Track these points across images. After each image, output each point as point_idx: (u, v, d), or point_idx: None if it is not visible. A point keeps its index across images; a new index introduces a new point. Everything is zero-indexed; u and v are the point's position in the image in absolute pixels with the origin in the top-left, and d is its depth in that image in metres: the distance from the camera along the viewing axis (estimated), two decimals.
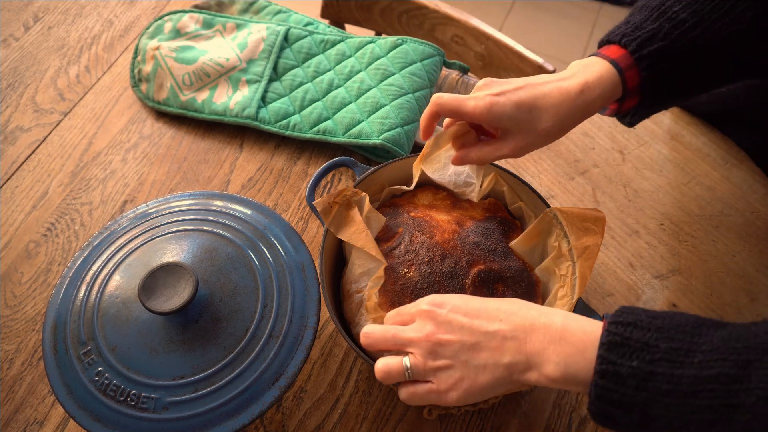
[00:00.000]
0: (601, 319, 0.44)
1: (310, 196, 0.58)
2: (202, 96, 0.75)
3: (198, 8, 0.82)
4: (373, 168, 0.58)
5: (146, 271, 0.45)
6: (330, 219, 0.53)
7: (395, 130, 0.69)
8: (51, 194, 0.70)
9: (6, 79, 0.78)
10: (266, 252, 0.50)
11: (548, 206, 0.55)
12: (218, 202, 0.54)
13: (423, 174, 0.58)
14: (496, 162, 0.59)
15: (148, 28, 0.80)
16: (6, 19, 0.84)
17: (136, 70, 0.78)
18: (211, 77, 0.75)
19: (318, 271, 0.51)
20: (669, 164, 0.72)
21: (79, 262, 0.51)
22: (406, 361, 0.44)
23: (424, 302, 0.46)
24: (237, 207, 0.54)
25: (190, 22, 0.80)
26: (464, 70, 0.80)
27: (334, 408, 0.57)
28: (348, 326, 0.54)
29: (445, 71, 0.80)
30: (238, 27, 0.80)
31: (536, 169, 0.71)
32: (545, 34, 1.97)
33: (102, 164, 0.72)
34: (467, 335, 0.43)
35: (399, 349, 0.46)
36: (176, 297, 0.44)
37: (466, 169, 0.59)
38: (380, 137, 0.69)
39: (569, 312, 0.43)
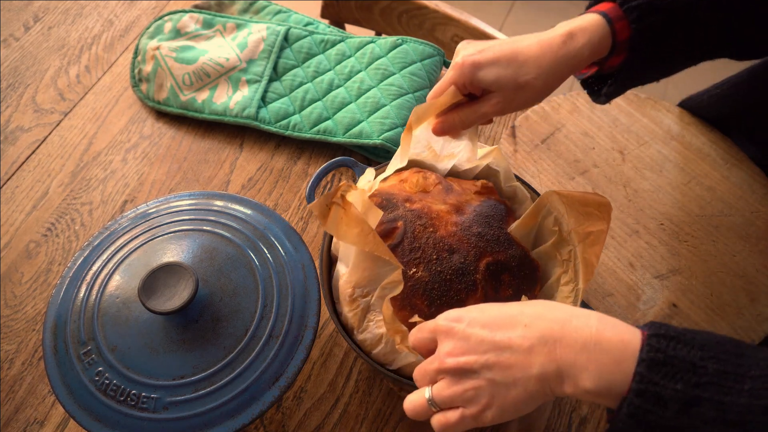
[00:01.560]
0: None
1: (310, 196, 0.58)
2: (202, 96, 0.75)
3: (198, 8, 0.82)
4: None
5: (146, 271, 0.45)
6: (328, 222, 0.48)
7: (395, 130, 0.69)
8: (51, 194, 0.70)
9: (6, 79, 0.78)
10: (266, 252, 0.50)
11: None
12: (218, 202, 0.54)
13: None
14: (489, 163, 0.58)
15: (148, 28, 0.80)
16: (6, 19, 0.84)
17: (136, 70, 0.78)
18: (211, 77, 0.75)
19: (318, 271, 0.51)
20: (669, 164, 0.72)
21: (79, 262, 0.51)
22: (427, 392, 0.41)
23: (441, 318, 0.42)
24: (237, 207, 0.54)
25: (190, 22, 0.80)
26: None
27: (334, 408, 0.57)
28: (350, 331, 0.52)
29: (445, 71, 0.80)
30: (238, 27, 0.80)
31: (536, 169, 0.71)
32: None
33: (102, 164, 0.72)
34: (489, 350, 0.39)
35: (431, 381, 0.42)
36: (176, 297, 0.44)
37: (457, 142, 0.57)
38: (380, 137, 0.69)
39: (602, 314, 0.38)
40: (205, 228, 0.52)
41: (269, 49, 0.77)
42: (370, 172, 0.57)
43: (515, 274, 0.51)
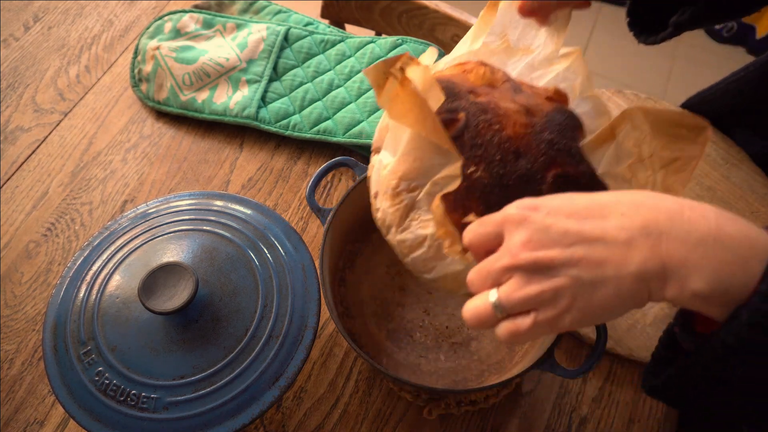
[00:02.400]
0: None
1: (310, 196, 0.58)
2: (202, 96, 0.75)
3: (198, 8, 0.82)
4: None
5: (146, 271, 0.45)
6: (382, 95, 0.40)
7: None
8: (51, 194, 0.70)
9: (6, 79, 0.78)
10: (266, 252, 0.50)
11: None
12: (218, 202, 0.54)
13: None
14: None
15: (148, 28, 0.80)
16: (6, 19, 0.84)
17: (136, 70, 0.78)
18: (211, 77, 0.75)
19: (318, 271, 0.51)
20: None
21: (79, 262, 0.51)
22: (492, 296, 0.34)
23: (513, 207, 0.35)
24: (237, 207, 0.54)
25: (190, 22, 0.80)
26: None
27: (334, 408, 0.57)
28: (386, 230, 0.45)
29: None
30: (238, 27, 0.80)
31: None
32: None
33: (102, 164, 0.72)
34: (576, 242, 0.32)
35: (494, 283, 0.35)
36: (176, 297, 0.44)
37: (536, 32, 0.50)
38: None
39: (719, 208, 0.32)
40: (205, 228, 0.52)
41: (269, 49, 0.77)
42: (431, 53, 0.49)
43: (582, 191, 0.43)
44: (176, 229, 0.52)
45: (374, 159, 0.46)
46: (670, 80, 1.84)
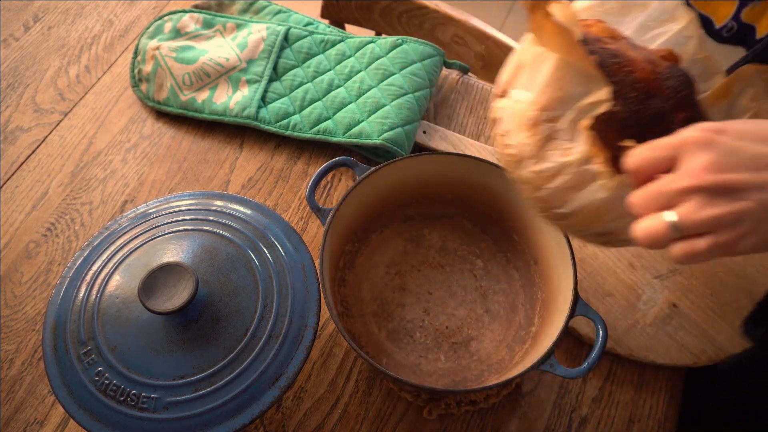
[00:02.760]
0: (600, 318, 0.43)
1: (310, 196, 0.58)
2: (202, 96, 0.75)
3: (198, 8, 0.82)
4: (373, 168, 0.58)
5: (146, 271, 0.45)
6: (533, 24, 0.42)
7: (395, 130, 0.69)
8: (51, 194, 0.70)
9: (6, 79, 0.79)
10: (266, 252, 0.50)
11: None
12: (218, 202, 0.54)
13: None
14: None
15: (148, 28, 0.80)
16: (6, 19, 0.84)
17: (136, 70, 0.78)
18: (211, 77, 0.75)
19: (318, 271, 0.51)
20: None
21: (79, 262, 0.51)
22: (669, 216, 0.34)
23: (694, 129, 0.34)
24: (237, 207, 0.54)
25: (190, 22, 0.80)
26: (464, 70, 0.80)
27: (334, 408, 0.57)
28: (516, 163, 0.45)
29: (445, 71, 0.80)
30: (238, 27, 0.80)
31: None
32: None
33: (102, 164, 0.72)
34: (765, 166, 0.32)
35: (665, 205, 0.35)
36: (176, 297, 0.44)
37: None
38: (380, 137, 0.69)
39: None
40: (205, 228, 0.52)
41: (269, 49, 0.77)
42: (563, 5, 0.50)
43: None
44: (176, 229, 0.52)
45: (502, 102, 0.47)
46: None
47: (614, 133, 0.42)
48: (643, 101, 0.43)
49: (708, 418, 0.73)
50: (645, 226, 0.35)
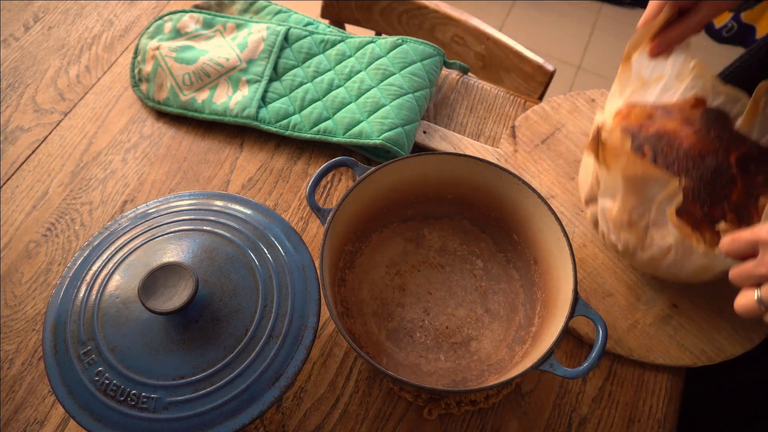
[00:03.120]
0: (600, 318, 0.44)
1: (310, 196, 0.58)
2: (202, 96, 0.75)
3: (198, 8, 0.82)
4: (373, 168, 0.58)
5: (146, 271, 0.45)
6: (600, 159, 0.53)
7: (395, 130, 0.69)
8: (51, 194, 0.70)
9: (6, 79, 0.79)
10: (266, 252, 0.50)
11: (549, 206, 0.55)
12: (218, 202, 0.54)
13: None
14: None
15: (148, 28, 0.80)
16: (6, 19, 0.84)
17: (136, 70, 0.78)
18: (211, 77, 0.75)
19: (318, 271, 0.51)
20: None
21: (79, 262, 0.51)
22: (756, 294, 0.43)
23: (763, 228, 0.43)
24: (237, 207, 0.54)
25: (190, 22, 0.80)
26: (464, 70, 0.80)
27: (334, 408, 0.57)
28: (631, 253, 0.57)
29: (445, 71, 0.80)
30: (238, 27, 0.80)
31: (536, 169, 0.71)
32: (545, 34, 1.97)
33: (102, 164, 0.72)
34: None
35: (755, 283, 0.44)
36: (176, 297, 0.44)
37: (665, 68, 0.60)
38: (380, 137, 0.69)
39: None
40: (205, 228, 0.52)
41: (269, 49, 0.77)
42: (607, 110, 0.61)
43: (759, 161, 0.55)
44: (176, 229, 0.52)
45: (592, 209, 0.60)
46: None
47: (691, 203, 0.53)
48: (700, 165, 0.53)
49: (708, 417, 0.73)
50: (741, 304, 0.44)
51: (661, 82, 0.60)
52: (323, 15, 0.97)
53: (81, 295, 0.48)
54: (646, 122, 0.57)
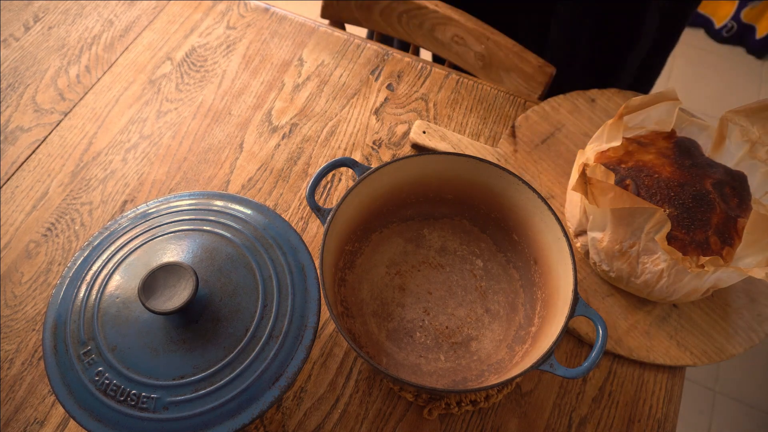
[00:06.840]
0: (600, 318, 0.44)
1: (310, 196, 0.58)
2: None
3: None
4: (373, 168, 0.58)
5: (146, 271, 0.45)
6: (588, 196, 0.56)
7: None
8: (51, 194, 0.70)
9: (6, 79, 0.79)
10: (266, 252, 0.50)
11: (549, 206, 0.55)
12: (218, 202, 0.54)
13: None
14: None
15: None
16: (6, 19, 0.84)
17: None
18: None
19: (318, 271, 0.51)
20: None
21: (79, 262, 0.51)
22: None
23: None
24: (237, 207, 0.54)
25: None
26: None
27: (334, 408, 0.57)
28: (625, 281, 0.60)
29: (445, 71, 0.80)
30: None
31: (536, 169, 0.71)
32: None
33: (102, 164, 0.72)
34: None
35: None
36: (176, 297, 0.44)
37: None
38: None
39: None
40: (205, 228, 0.52)
41: None
42: (590, 149, 0.65)
43: (733, 185, 0.59)
44: (176, 229, 0.52)
45: (582, 241, 0.64)
46: (670, 80, 1.84)
47: (677, 230, 0.56)
48: (680, 194, 0.57)
49: None
50: None
51: (639, 117, 0.64)
52: (323, 15, 0.96)
53: (81, 295, 0.48)
54: (624, 156, 0.61)
